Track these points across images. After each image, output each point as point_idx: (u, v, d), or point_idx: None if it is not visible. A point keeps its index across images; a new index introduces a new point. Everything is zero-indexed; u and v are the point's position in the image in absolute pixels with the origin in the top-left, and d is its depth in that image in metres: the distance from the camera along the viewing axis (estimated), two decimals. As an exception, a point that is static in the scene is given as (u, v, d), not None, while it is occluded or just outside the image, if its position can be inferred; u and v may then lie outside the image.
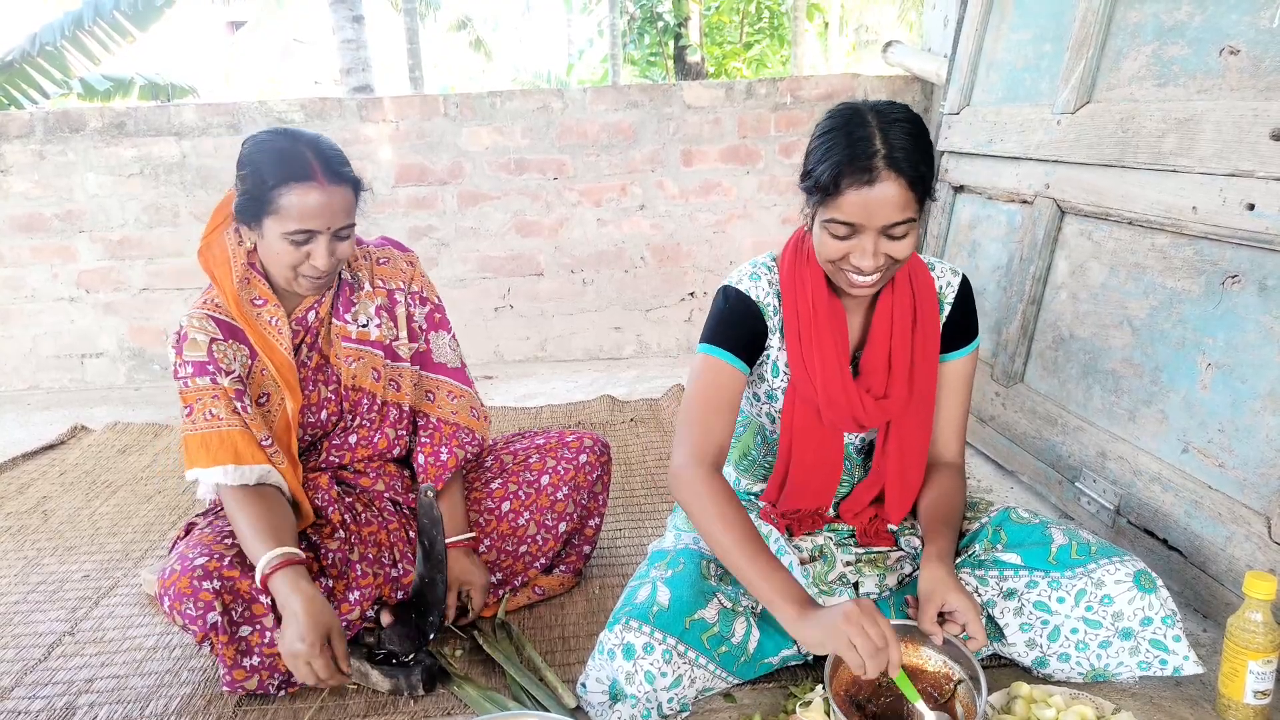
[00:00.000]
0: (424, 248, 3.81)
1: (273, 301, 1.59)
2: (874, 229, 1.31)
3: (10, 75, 6.68)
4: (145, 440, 3.03)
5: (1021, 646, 1.46)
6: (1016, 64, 2.60)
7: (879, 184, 1.27)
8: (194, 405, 1.53)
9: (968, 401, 1.65)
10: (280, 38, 21.22)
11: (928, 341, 1.54)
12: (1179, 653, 1.38)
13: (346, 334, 1.66)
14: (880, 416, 1.53)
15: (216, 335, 1.55)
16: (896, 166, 1.27)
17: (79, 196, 3.65)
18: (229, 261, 1.57)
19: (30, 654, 1.75)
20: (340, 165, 1.52)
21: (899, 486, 1.59)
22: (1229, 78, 1.77)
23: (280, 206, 1.46)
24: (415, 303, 1.76)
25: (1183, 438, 1.83)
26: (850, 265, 1.36)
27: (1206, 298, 1.79)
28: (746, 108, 3.74)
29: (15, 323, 3.77)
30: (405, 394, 1.74)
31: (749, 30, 15.14)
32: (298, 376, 1.61)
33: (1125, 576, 1.39)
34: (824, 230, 1.36)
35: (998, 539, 1.54)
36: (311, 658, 1.39)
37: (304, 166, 1.46)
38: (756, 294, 1.52)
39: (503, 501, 1.80)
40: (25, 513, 2.47)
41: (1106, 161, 2.07)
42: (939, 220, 2.96)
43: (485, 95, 3.69)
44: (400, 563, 1.69)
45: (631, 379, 3.65)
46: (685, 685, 1.36)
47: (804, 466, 1.57)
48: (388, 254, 1.75)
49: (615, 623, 1.37)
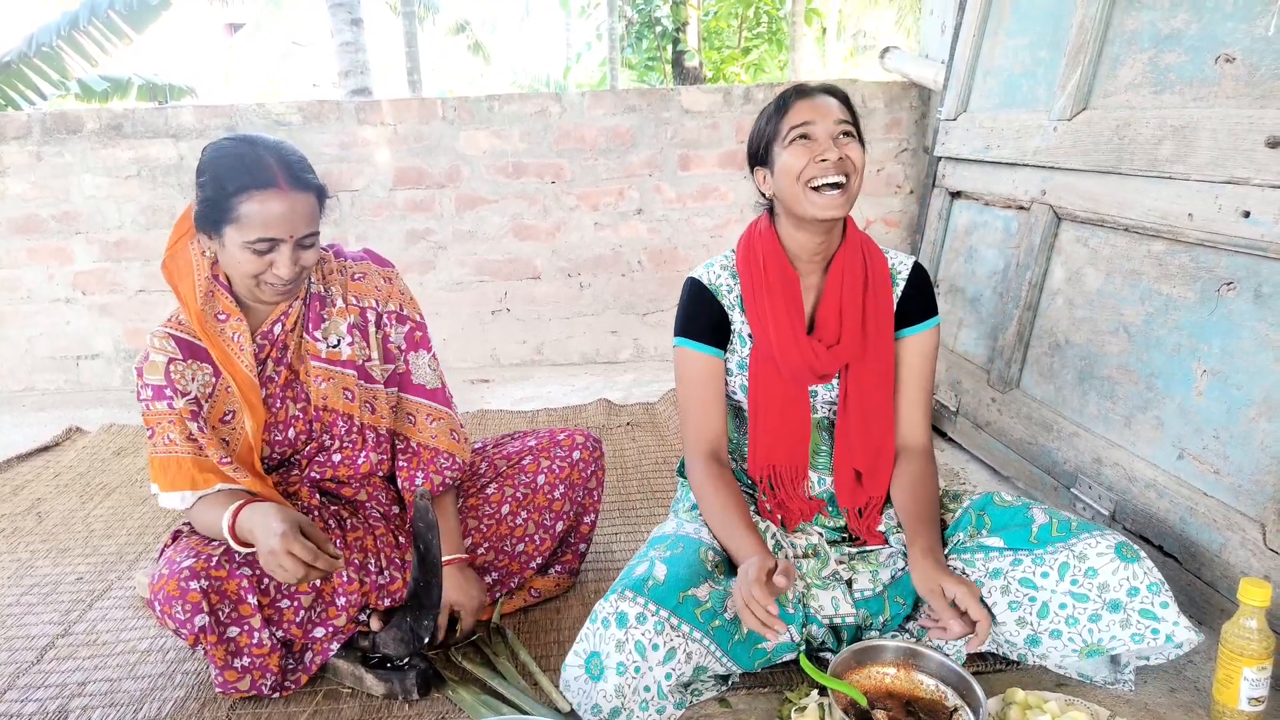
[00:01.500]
0: (421, 251, 3.81)
1: (236, 315, 1.55)
2: (827, 128, 1.51)
3: (7, 76, 6.67)
4: (140, 442, 3.02)
5: (1012, 625, 1.47)
6: (1014, 70, 2.61)
7: (819, 95, 1.55)
8: (154, 429, 1.54)
9: (930, 384, 1.71)
10: (279, 40, 21.22)
11: (880, 298, 1.63)
12: (1169, 619, 1.39)
13: (316, 353, 1.62)
14: (833, 363, 1.61)
15: (175, 355, 1.53)
16: (830, 90, 1.56)
17: (76, 198, 3.64)
18: (193, 274, 1.52)
19: (23, 657, 1.74)
20: (303, 171, 1.49)
21: (864, 445, 1.63)
22: (1225, 85, 1.78)
23: (241, 215, 1.42)
24: (392, 322, 1.69)
25: (1178, 444, 1.83)
26: (816, 168, 1.50)
27: (1202, 304, 1.80)
28: (744, 113, 3.75)
29: (11, 324, 3.76)
30: (382, 417, 1.68)
31: (747, 35, 15.16)
32: (260, 394, 1.57)
33: (1106, 548, 1.41)
34: (785, 152, 1.53)
35: (981, 524, 1.57)
36: (290, 545, 1.35)
37: (265, 173, 1.43)
38: (709, 278, 1.67)
39: (501, 505, 1.79)
40: (19, 514, 2.46)
41: (1103, 168, 2.07)
42: (936, 226, 2.96)
43: (483, 99, 3.69)
44: (387, 569, 1.67)
45: (628, 383, 3.65)
46: (680, 660, 1.36)
47: (770, 422, 1.64)
48: (364, 269, 1.68)
49: (612, 593, 1.40)
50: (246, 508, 1.46)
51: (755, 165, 1.62)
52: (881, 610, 1.53)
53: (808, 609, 1.51)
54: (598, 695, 1.35)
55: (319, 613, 1.57)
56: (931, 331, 1.69)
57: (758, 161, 1.61)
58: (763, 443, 1.65)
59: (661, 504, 2.38)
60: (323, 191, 1.53)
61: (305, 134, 3.62)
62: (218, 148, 1.48)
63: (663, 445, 2.84)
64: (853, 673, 1.41)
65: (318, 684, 1.59)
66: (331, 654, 1.58)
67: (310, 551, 1.36)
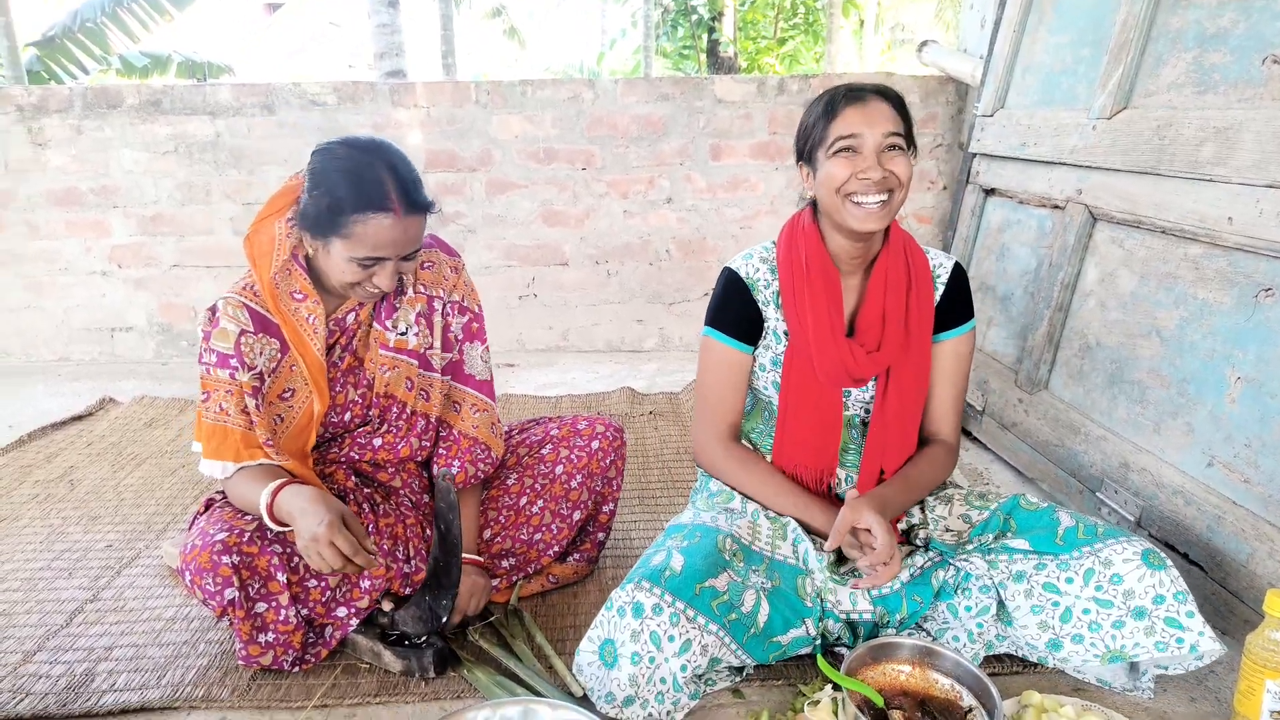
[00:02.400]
0: (451, 234, 3.82)
1: (312, 298, 1.54)
2: (874, 140, 1.46)
3: (51, 51, 6.78)
4: (171, 415, 3.08)
5: (1034, 629, 1.46)
6: (1053, 67, 2.56)
7: (870, 101, 1.48)
8: (211, 393, 1.54)
9: (963, 384, 1.70)
10: (317, 20, 21.35)
11: (922, 302, 1.61)
12: (1194, 629, 1.37)
13: (385, 341, 1.63)
14: (871, 368, 1.59)
15: (248, 327, 1.53)
16: (883, 94, 1.51)
17: (114, 172, 3.70)
18: (272, 251, 1.51)
19: (53, 620, 1.78)
20: (417, 193, 1.48)
21: (899, 442, 1.63)
22: (1271, 87, 1.74)
23: (354, 233, 1.42)
24: (454, 312, 1.71)
25: (1208, 451, 1.80)
26: (858, 184, 1.47)
27: (1238, 310, 1.76)
28: (778, 104, 3.72)
29: (48, 295, 3.83)
30: (434, 404, 1.70)
31: (783, 26, 15.03)
32: (327, 377, 1.59)
33: (1133, 555, 1.40)
34: (828, 162, 1.49)
35: (1007, 526, 1.56)
36: (332, 536, 1.37)
37: (382, 197, 1.42)
38: (747, 271, 1.64)
39: (520, 496, 1.80)
40: (52, 481, 2.51)
41: (1141, 168, 2.04)
42: (968, 223, 2.93)
43: (516, 84, 3.70)
44: (414, 559, 1.68)
45: (652, 372, 3.65)
46: (695, 652, 1.37)
47: (800, 420, 1.63)
48: (434, 258, 1.68)
49: (629, 582, 1.40)
50: (288, 489, 1.47)
51: (800, 159, 1.59)
52: (899, 608, 1.52)
53: (825, 603, 1.51)
54: (611, 683, 1.36)
55: (344, 594, 1.59)
56: (968, 335, 1.68)
57: (802, 157, 1.58)
58: (790, 442, 1.64)
59: (682, 493, 2.38)
60: (430, 208, 1.51)
61: (339, 114, 3.65)
62: (333, 154, 1.46)
63: (684, 435, 2.84)
64: (868, 669, 1.41)
65: (336, 658, 1.62)
66: (351, 629, 1.60)
67: (351, 545, 1.39)
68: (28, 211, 3.72)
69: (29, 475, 2.56)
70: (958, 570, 1.51)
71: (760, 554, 1.55)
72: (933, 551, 1.56)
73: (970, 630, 1.49)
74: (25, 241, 3.75)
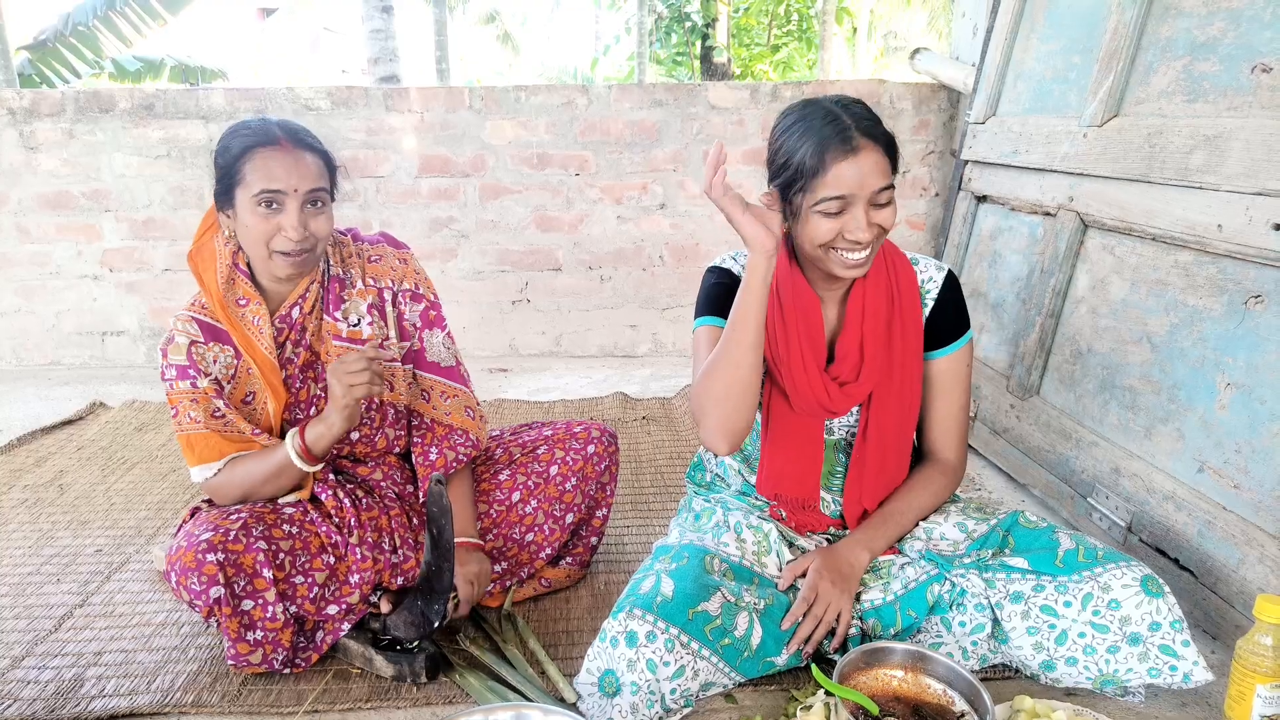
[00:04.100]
0: (444, 239, 3.82)
1: (255, 300, 1.60)
2: (864, 198, 1.38)
3: (44, 55, 6.76)
4: (162, 419, 3.06)
5: (1029, 650, 1.45)
6: (1045, 75, 2.58)
7: (861, 152, 1.36)
8: (178, 407, 1.59)
9: (964, 400, 1.65)
10: (310, 26, 21.35)
11: (906, 332, 1.56)
12: (1188, 658, 1.37)
13: (337, 333, 1.66)
14: (846, 403, 1.56)
15: (197, 337, 1.59)
16: (870, 134, 1.38)
17: (106, 176, 3.69)
18: (215, 264, 1.60)
19: (42, 625, 1.77)
20: (306, 135, 1.56)
21: (877, 475, 1.61)
22: (1260, 95, 1.75)
23: (246, 173, 1.50)
24: (406, 300, 1.73)
25: (1198, 457, 1.81)
26: (844, 243, 1.41)
27: (1228, 317, 1.77)
28: (771, 110, 3.74)
29: (39, 299, 3.81)
30: (400, 394, 1.72)
31: (777, 33, 15.09)
32: (280, 375, 1.62)
33: (1132, 581, 1.39)
34: (814, 215, 1.41)
35: (1005, 544, 1.55)
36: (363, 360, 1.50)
37: (267, 133, 1.51)
38: (738, 270, 1.61)
39: (512, 492, 1.80)
40: (42, 485, 2.50)
41: (1132, 176, 2.05)
42: (960, 230, 2.94)
43: (510, 89, 3.70)
44: (401, 549, 1.69)
45: (645, 377, 3.65)
46: (688, 677, 1.36)
47: (781, 452, 1.61)
48: (380, 251, 1.73)
49: (620, 610, 1.38)
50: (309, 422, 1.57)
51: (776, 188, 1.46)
52: (893, 622, 1.51)
53: None
54: (613, 710, 1.36)
55: (333, 590, 1.59)
56: (964, 350, 1.62)
57: (778, 188, 1.45)
58: (772, 469, 1.64)
59: (674, 499, 2.38)
60: (328, 156, 1.59)
61: (333, 119, 3.65)
62: (230, 128, 1.57)
63: (677, 440, 2.84)
64: (860, 674, 1.41)
65: (328, 663, 1.61)
66: (343, 633, 1.60)
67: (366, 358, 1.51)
68: (19, 215, 3.71)
69: (19, 479, 2.54)
70: (954, 585, 1.50)
71: (750, 570, 1.54)
72: (928, 563, 1.55)
73: (965, 648, 1.49)
74: (16, 245, 3.74)
